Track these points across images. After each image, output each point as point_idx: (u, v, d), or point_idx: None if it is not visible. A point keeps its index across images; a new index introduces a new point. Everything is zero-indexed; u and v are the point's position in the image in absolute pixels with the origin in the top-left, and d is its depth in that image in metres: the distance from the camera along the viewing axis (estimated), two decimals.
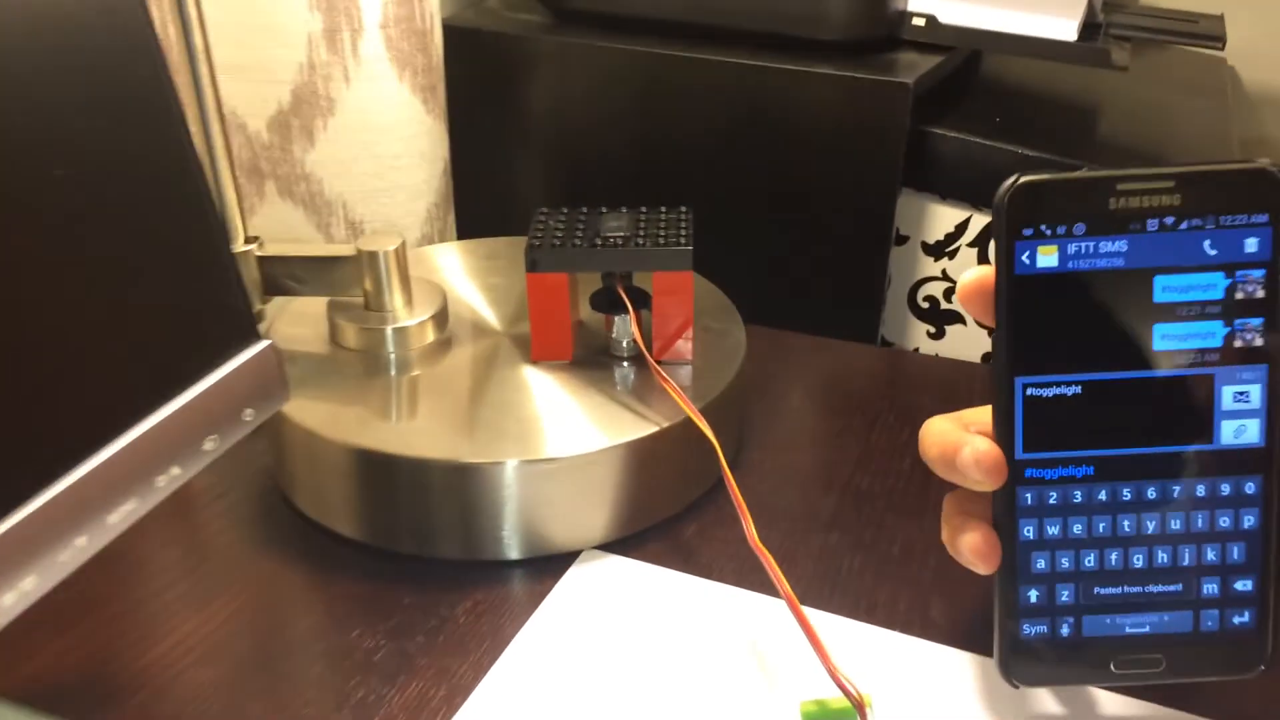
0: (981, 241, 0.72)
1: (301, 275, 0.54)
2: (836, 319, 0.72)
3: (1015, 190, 0.34)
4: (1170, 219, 0.34)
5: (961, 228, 0.73)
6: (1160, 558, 0.36)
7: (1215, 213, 0.34)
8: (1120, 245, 0.34)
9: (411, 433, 0.49)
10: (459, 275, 0.63)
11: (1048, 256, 0.34)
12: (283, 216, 0.69)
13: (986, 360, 0.73)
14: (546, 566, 0.49)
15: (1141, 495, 0.36)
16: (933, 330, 0.76)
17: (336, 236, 0.70)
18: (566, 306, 0.53)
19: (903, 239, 0.74)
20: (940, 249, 0.74)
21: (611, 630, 0.46)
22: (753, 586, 0.48)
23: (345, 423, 0.49)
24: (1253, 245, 0.34)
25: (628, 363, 0.55)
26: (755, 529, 0.42)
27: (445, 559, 0.49)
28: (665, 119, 0.73)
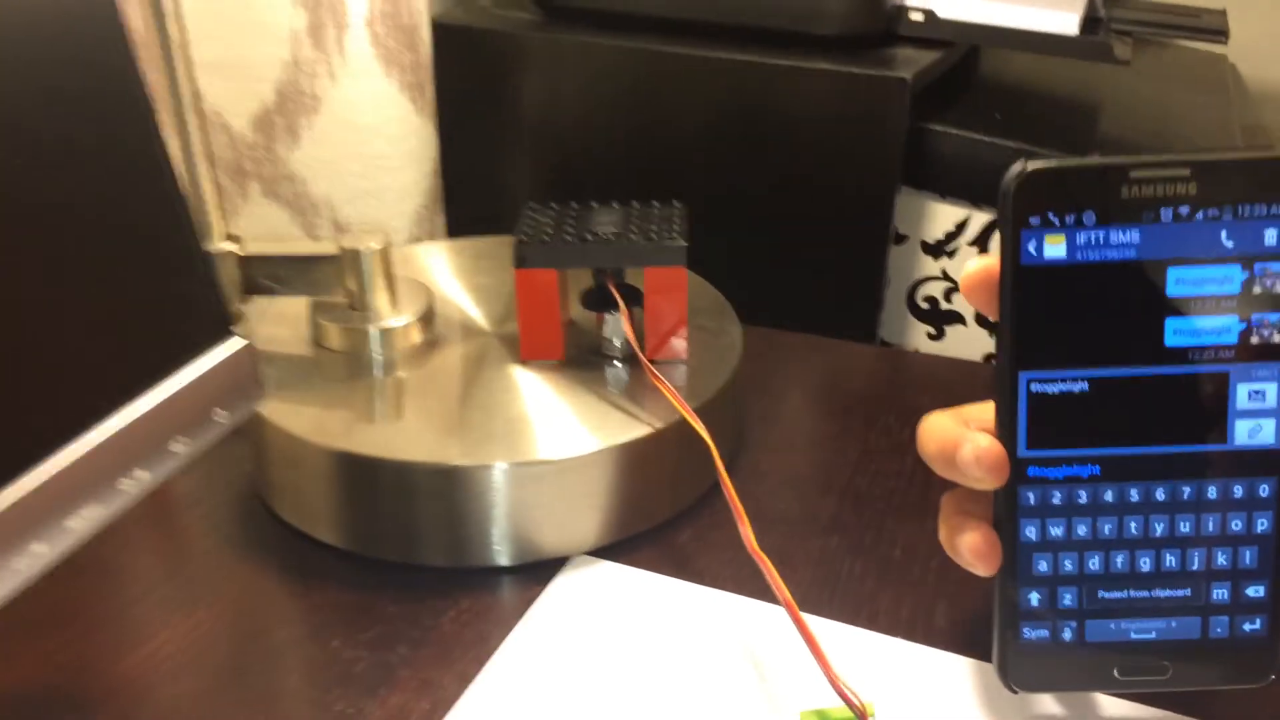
0: (982, 240, 0.71)
1: (283, 275, 0.53)
2: (834, 319, 0.71)
3: (1023, 177, 0.32)
4: (1185, 209, 0.33)
5: (961, 226, 0.72)
6: (1168, 561, 0.35)
7: (1233, 203, 0.33)
8: (1132, 236, 0.33)
9: (396, 435, 0.48)
10: (446, 275, 0.62)
11: (1055, 247, 0.33)
12: (267, 218, 0.68)
13: (988, 361, 0.72)
14: (536, 573, 0.48)
15: (1150, 496, 0.35)
16: (933, 332, 0.75)
17: (322, 239, 0.68)
18: (556, 304, 0.52)
19: (901, 238, 0.73)
20: (940, 248, 0.73)
21: (602, 639, 0.44)
22: (750, 593, 0.47)
23: (328, 426, 0.48)
24: (1272, 237, 0.33)
25: (620, 362, 0.53)
26: (753, 533, 0.41)
27: (430, 566, 0.48)
28: (659, 118, 0.72)
